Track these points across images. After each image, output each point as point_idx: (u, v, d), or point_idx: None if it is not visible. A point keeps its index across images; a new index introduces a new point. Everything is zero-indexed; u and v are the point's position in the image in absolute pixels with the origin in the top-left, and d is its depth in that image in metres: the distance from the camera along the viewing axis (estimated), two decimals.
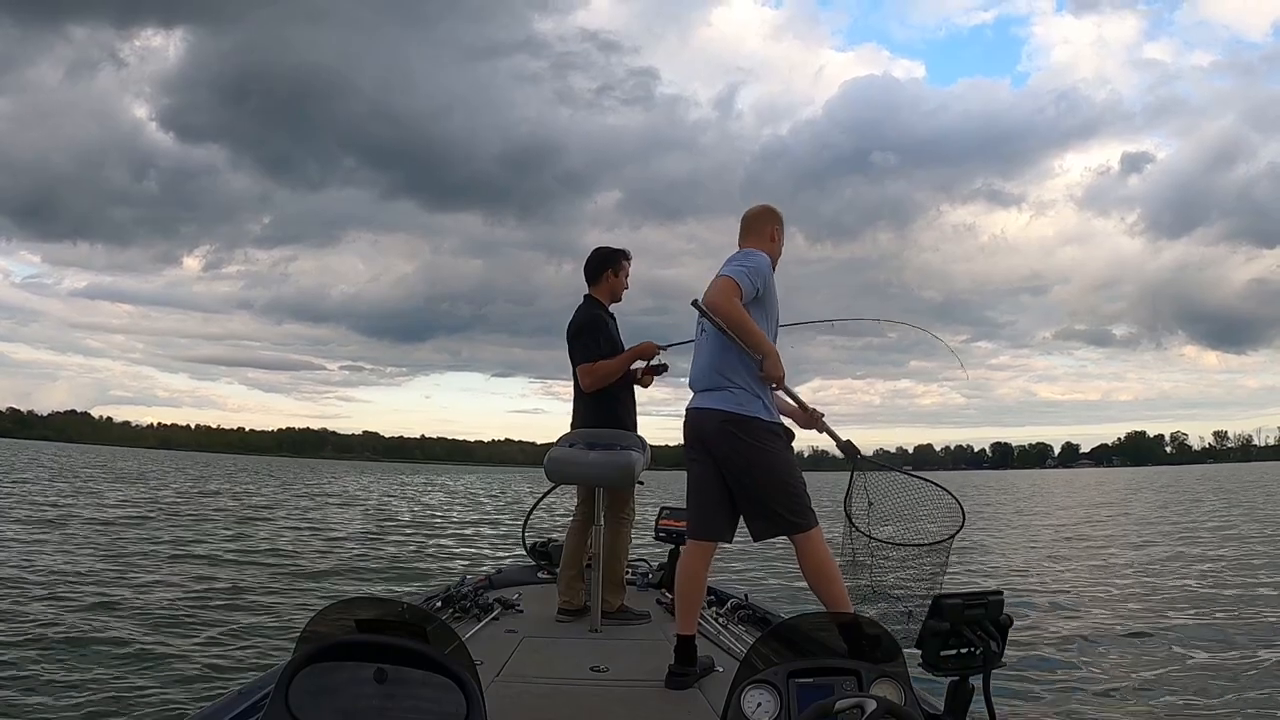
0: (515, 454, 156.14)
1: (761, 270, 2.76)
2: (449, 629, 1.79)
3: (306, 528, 14.23)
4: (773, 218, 2.95)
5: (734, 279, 2.68)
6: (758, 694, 1.64)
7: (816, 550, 2.69)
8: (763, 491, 2.71)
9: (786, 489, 2.71)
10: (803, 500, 2.73)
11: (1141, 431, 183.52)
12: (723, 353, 2.76)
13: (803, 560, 2.71)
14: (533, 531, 5.07)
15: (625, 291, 3.89)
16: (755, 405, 2.73)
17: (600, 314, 3.77)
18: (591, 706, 2.51)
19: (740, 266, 2.73)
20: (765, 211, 2.97)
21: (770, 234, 2.91)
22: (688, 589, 2.78)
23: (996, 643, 1.74)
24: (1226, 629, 6.25)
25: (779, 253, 2.94)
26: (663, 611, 3.84)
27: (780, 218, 2.98)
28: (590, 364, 3.65)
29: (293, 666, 1.42)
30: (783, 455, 2.75)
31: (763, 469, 2.71)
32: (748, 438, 2.71)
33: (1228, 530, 14.95)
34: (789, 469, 2.75)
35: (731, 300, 2.66)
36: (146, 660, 4.88)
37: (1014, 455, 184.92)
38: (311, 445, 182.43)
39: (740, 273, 2.71)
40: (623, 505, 3.71)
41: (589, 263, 3.85)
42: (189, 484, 28.63)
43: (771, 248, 2.89)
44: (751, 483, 2.72)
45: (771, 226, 2.93)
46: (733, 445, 2.72)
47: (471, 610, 3.60)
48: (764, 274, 2.76)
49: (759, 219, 2.95)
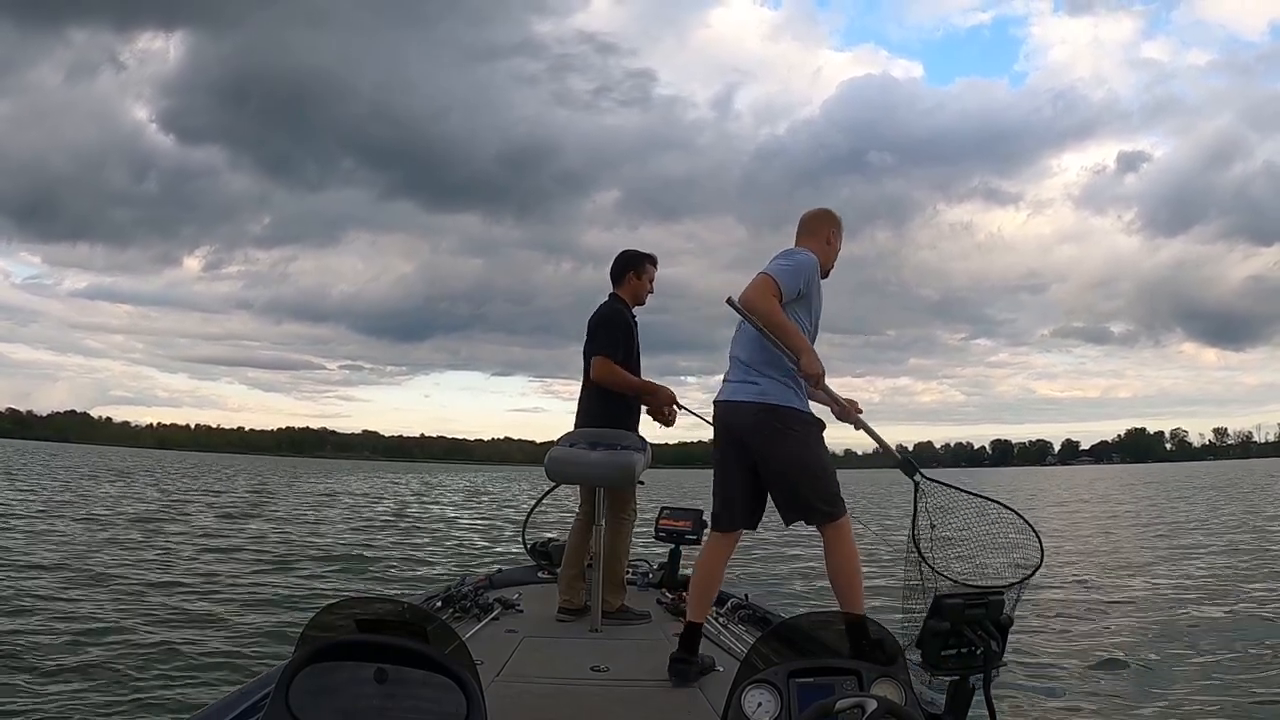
0: (515, 453, 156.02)
1: (804, 269, 2.75)
2: (449, 629, 1.79)
3: (305, 528, 14.23)
4: (830, 221, 2.93)
5: (773, 277, 2.68)
6: (758, 694, 1.64)
7: (844, 542, 2.68)
8: (796, 480, 2.71)
9: (819, 477, 2.71)
10: (833, 489, 2.72)
11: (1141, 428, 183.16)
12: (756, 347, 2.75)
13: (829, 552, 2.70)
14: (533, 531, 5.06)
15: (650, 296, 3.88)
16: (788, 395, 2.72)
17: (623, 310, 3.77)
18: (592, 706, 2.50)
19: (783, 264, 2.73)
20: (823, 214, 2.95)
21: (826, 236, 2.90)
22: (704, 577, 2.82)
23: (997, 642, 1.74)
24: (1234, 624, 6.25)
25: (833, 256, 2.92)
26: (663, 611, 3.84)
27: (838, 221, 2.95)
28: (611, 359, 3.62)
29: (293, 666, 1.43)
30: (816, 443, 2.75)
31: (796, 458, 2.70)
32: (783, 426, 2.70)
33: (1240, 527, 14.92)
34: (822, 458, 2.76)
35: (768, 299, 2.65)
36: (146, 661, 4.88)
37: (1014, 452, 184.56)
38: (311, 444, 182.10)
39: (782, 270, 2.70)
40: (624, 505, 3.70)
41: (615, 263, 3.85)
42: (185, 482, 28.63)
43: (826, 250, 2.88)
44: (785, 471, 2.71)
45: (829, 229, 2.91)
46: (767, 435, 2.71)
47: (472, 610, 3.60)
48: (807, 273, 2.75)
49: (816, 220, 2.93)
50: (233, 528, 13.36)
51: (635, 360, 3.75)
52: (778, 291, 2.66)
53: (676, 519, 4.50)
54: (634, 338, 3.77)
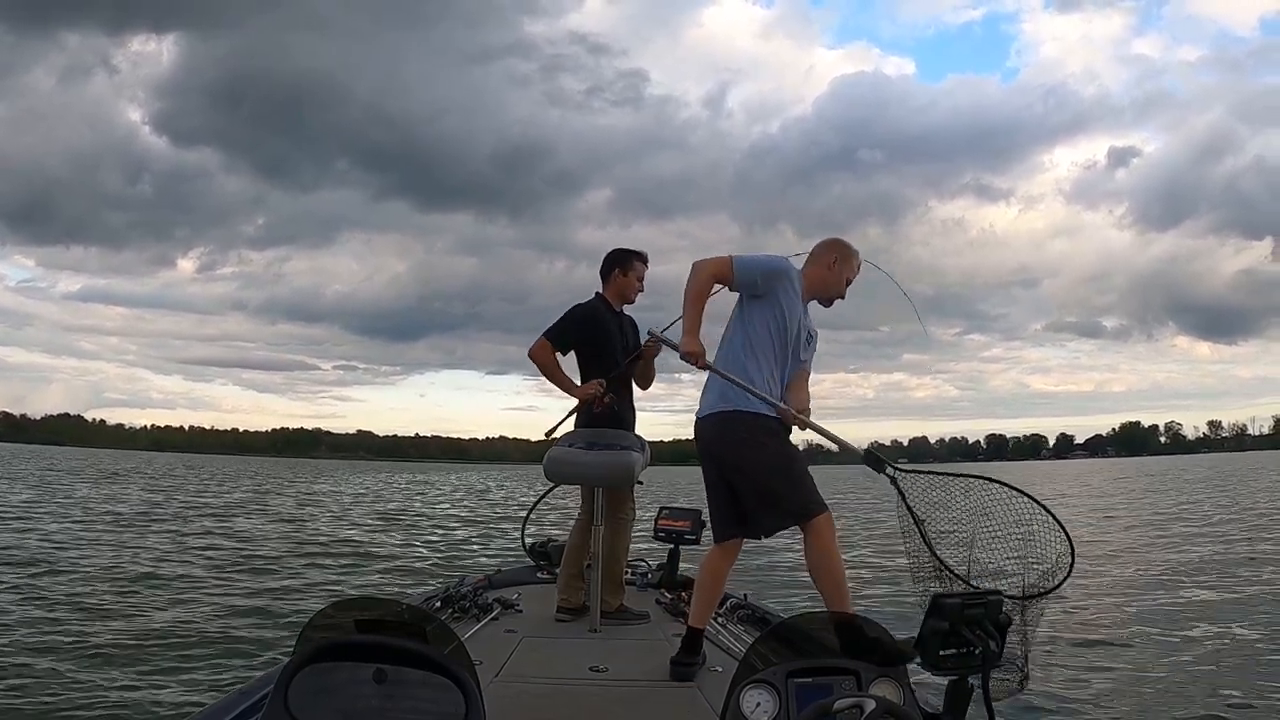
0: (511, 451, 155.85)
1: (769, 265, 2.78)
2: (448, 629, 1.79)
3: (303, 528, 14.20)
4: (835, 247, 2.94)
5: (729, 258, 2.76)
6: (757, 694, 1.64)
7: (822, 539, 2.65)
8: (760, 484, 2.72)
9: (785, 478, 2.70)
10: (803, 487, 2.70)
11: (1136, 422, 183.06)
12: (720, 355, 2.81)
13: (808, 550, 2.68)
14: (532, 531, 5.06)
15: (639, 294, 3.86)
16: (744, 399, 2.72)
17: (596, 309, 3.75)
18: (591, 706, 2.50)
19: (748, 255, 2.79)
20: (830, 241, 2.98)
21: (828, 262, 2.91)
22: (706, 583, 2.85)
23: (996, 642, 1.74)
24: (1231, 620, 6.25)
25: (836, 282, 2.91)
26: (662, 611, 3.84)
27: (845, 249, 2.95)
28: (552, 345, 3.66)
29: (292, 666, 1.42)
30: (776, 446, 2.73)
31: (755, 462, 2.71)
32: (739, 432, 2.72)
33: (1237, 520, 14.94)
34: (786, 459, 2.73)
35: (702, 268, 2.74)
36: (145, 662, 4.87)
37: (1009, 447, 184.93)
38: (306, 445, 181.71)
39: (744, 256, 2.77)
40: (622, 505, 3.71)
41: (603, 262, 3.86)
42: (180, 484, 28.57)
43: (826, 274, 2.89)
44: (747, 477, 2.73)
45: (832, 255, 2.92)
46: (725, 442, 2.75)
47: (471, 610, 3.59)
48: (770, 271, 2.77)
49: (823, 246, 2.96)
50: (231, 529, 13.33)
51: (616, 356, 3.70)
52: (728, 270, 2.74)
53: (675, 519, 4.50)
54: (612, 336, 3.73)
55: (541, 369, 3.70)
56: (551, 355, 3.68)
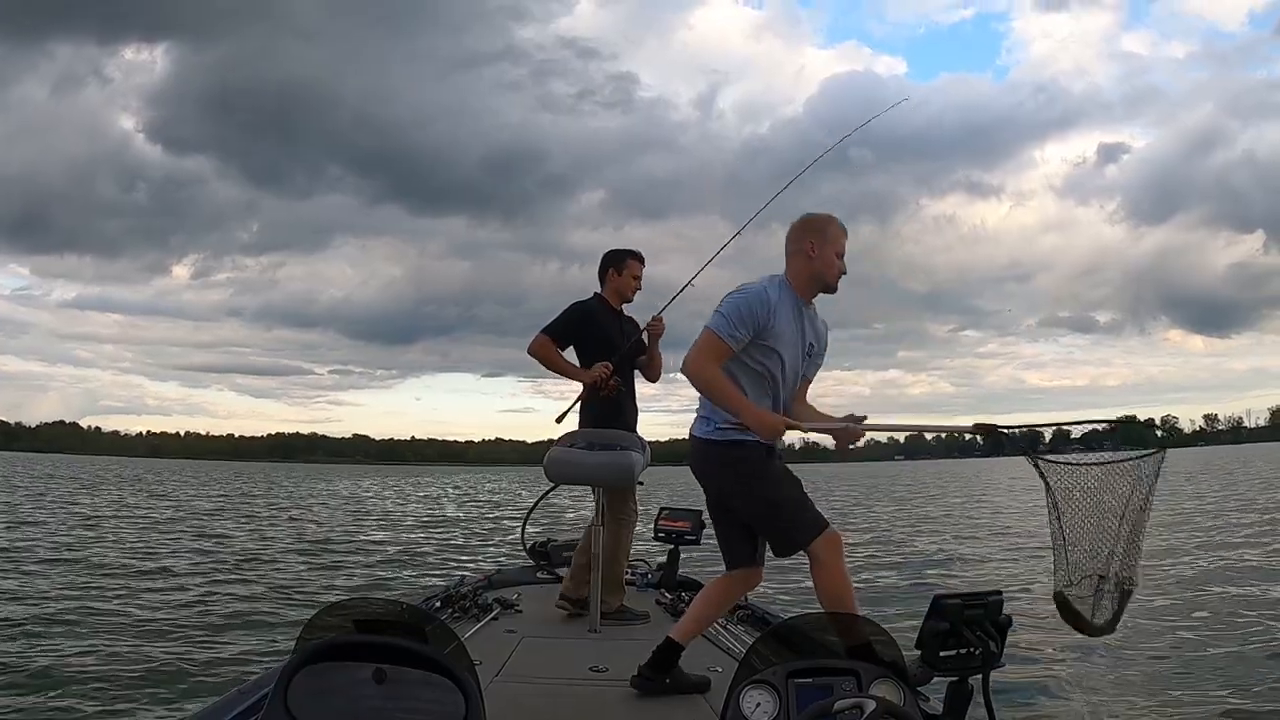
0: (508, 453, 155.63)
1: (747, 307, 2.40)
2: (448, 629, 1.79)
3: (302, 529, 14.19)
4: (807, 230, 2.52)
5: (714, 333, 2.39)
6: (757, 694, 1.64)
7: (825, 566, 2.36)
8: (751, 514, 2.50)
9: (772, 506, 2.45)
10: (796, 513, 2.43)
11: (1132, 416, 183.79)
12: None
13: (812, 576, 2.40)
14: (532, 530, 5.05)
15: (637, 293, 3.86)
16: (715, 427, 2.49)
17: (592, 307, 3.78)
18: (590, 707, 2.50)
19: (722, 312, 2.42)
20: (797, 226, 2.56)
21: (806, 250, 2.49)
22: (703, 605, 2.64)
23: (996, 643, 1.74)
24: (1231, 619, 6.23)
25: (827, 264, 2.50)
26: (662, 612, 3.83)
27: (817, 226, 2.52)
28: (551, 339, 3.69)
29: (291, 667, 1.42)
30: (758, 473, 2.45)
31: (740, 495, 2.48)
32: (716, 463, 2.50)
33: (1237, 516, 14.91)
34: (772, 485, 2.45)
35: (700, 363, 2.39)
36: (144, 662, 4.86)
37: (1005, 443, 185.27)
38: (302, 450, 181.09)
39: (720, 321, 2.40)
40: (623, 505, 3.71)
41: (600, 263, 3.88)
42: (178, 489, 28.54)
43: (810, 264, 2.48)
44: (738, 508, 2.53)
45: (806, 240, 2.50)
46: (706, 473, 2.55)
47: (471, 610, 3.59)
48: (752, 310, 2.40)
49: (793, 235, 2.55)
50: (230, 530, 13.32)
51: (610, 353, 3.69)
52: (720, 347, 2.38)
53: (675, 519, 4.48)
54: (609, 334, 3.74)
55: (543, 361, 3.72)
56: (552, 347, 3.70)
